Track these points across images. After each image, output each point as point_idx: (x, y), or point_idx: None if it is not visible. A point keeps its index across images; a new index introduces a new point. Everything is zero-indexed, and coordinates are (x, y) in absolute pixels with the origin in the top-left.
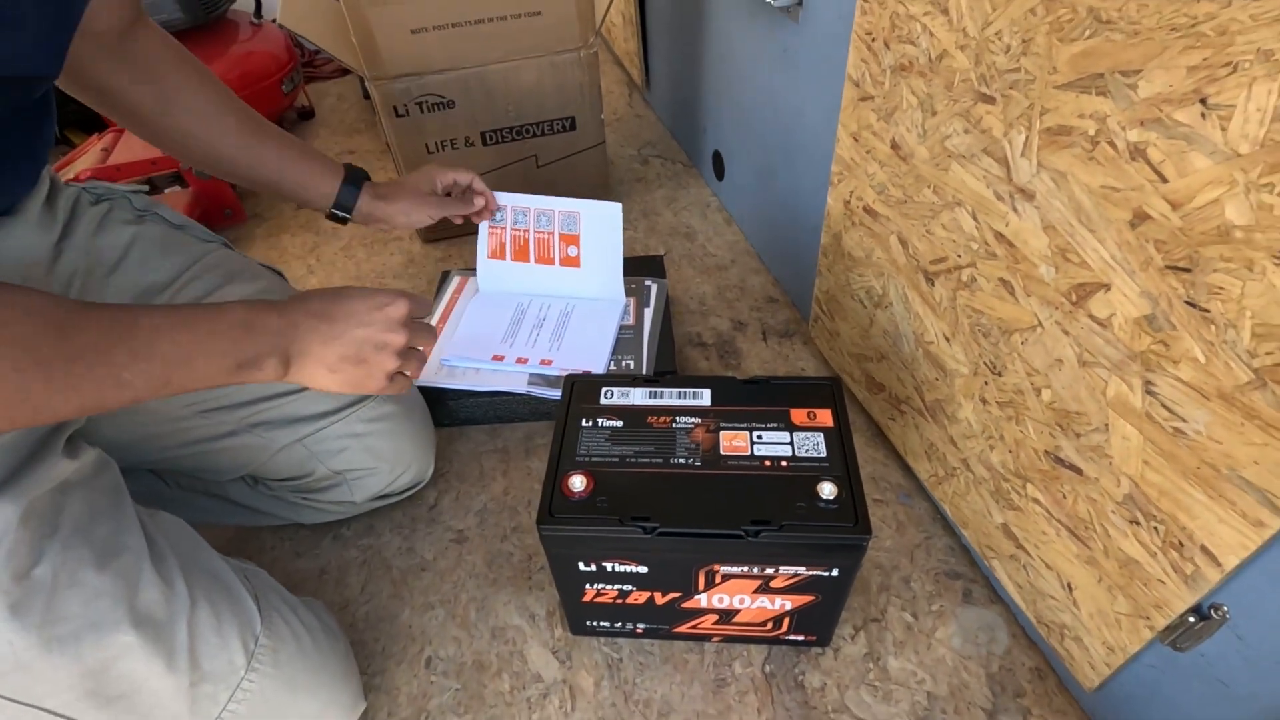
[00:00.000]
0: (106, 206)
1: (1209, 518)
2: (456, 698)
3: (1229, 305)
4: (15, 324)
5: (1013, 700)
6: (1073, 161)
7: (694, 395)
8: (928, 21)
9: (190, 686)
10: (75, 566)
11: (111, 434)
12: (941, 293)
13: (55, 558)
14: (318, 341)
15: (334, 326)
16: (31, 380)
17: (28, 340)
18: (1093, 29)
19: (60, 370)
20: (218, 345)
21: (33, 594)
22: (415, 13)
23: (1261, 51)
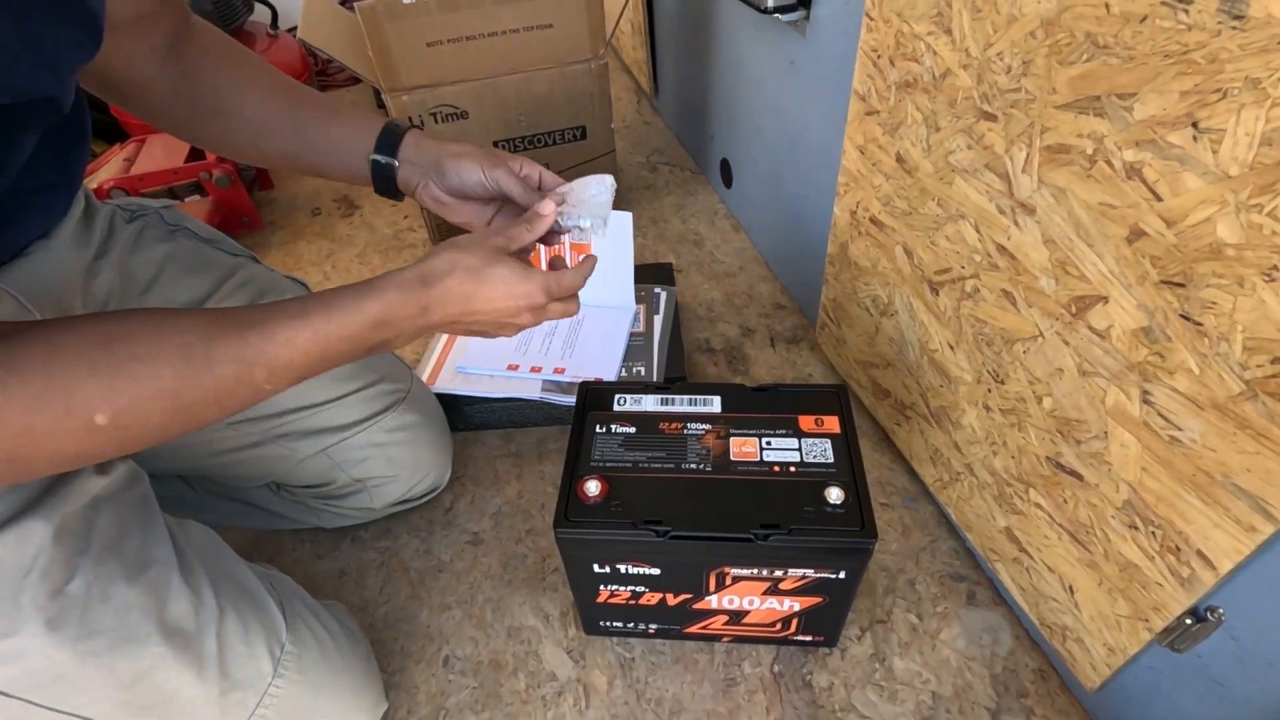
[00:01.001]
0: (140, 224)
1: (1204, 523)
2: (474, 695)
3: (1221, 319)
4: (154, 374)
5: (1016, 700)
6: (1072, 179)
7: (704, 402)
8: (931, 41)
9: (220, 695)
10: (107, 581)
11: None
12: (946, 302)
13: (88, 573)
14: (452, 328)
15: (471, 318)
16: (178, 422)
17: (170, 385)
18: (1090, 53)
19: (204, 407)
20: (352, 348)
21: (68, 609)
22: (430, 26)
23: (1249, 79)
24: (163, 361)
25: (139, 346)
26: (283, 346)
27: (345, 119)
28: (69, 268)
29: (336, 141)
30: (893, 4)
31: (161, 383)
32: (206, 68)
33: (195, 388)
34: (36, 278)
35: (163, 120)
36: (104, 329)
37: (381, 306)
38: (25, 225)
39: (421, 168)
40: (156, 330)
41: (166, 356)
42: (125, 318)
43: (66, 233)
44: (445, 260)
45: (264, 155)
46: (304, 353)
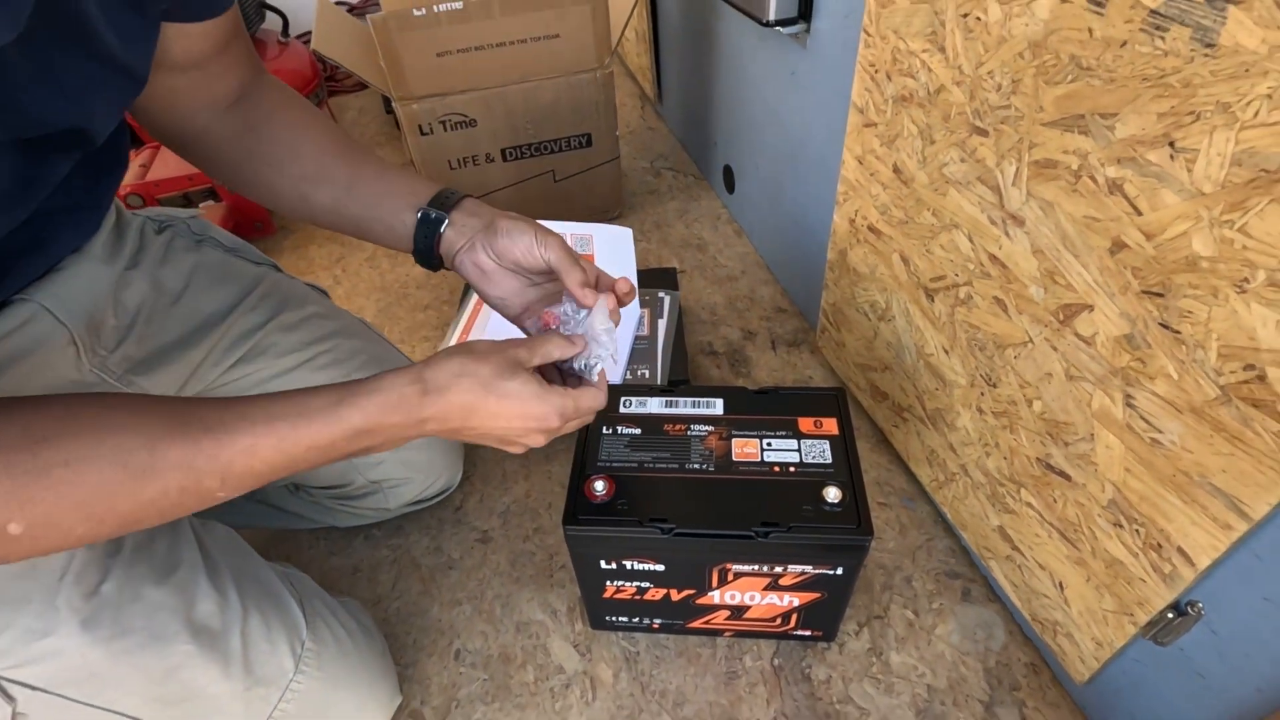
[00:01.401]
0: (169, 235)
1: (1184, 521)
2: (484, 687)
3: (1197, 328)
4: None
5: (1009, 693)
6: (1058, 192)
7: (707, 404)
8: (926, 58)
9: (245, 691)
10: (138, 582)
11: None
12: (941, 308)
13: (120, 575)
14: (450, 435)
15: (472, 431)
16: (108, 530)
17: (98, 495)
18: (1074, 74)
19: (140, 517)
20: (325, 456)
21: (101, 610)
22: (440, 37)
23: (1220, 103)
24: (93, 470)
25: (69, 450)
26: (240, 454)
27: (399, 176)
28: (101, 280)
29: (386, 195)
30: (889, 21)
31: (86, 493)
32: (269, 122)
33: (129, 498)
34: (70, 291)
35: (217, 170)
36: (33, 429)
37: (364, 416)
38: (58, 243)
39: (469, 229)
40: (93, 431)
41: (99, 464)
42: (62, 414)
43: (98, 246)
44: (454, 367)
45: (310, 207)
46: (265, 461)
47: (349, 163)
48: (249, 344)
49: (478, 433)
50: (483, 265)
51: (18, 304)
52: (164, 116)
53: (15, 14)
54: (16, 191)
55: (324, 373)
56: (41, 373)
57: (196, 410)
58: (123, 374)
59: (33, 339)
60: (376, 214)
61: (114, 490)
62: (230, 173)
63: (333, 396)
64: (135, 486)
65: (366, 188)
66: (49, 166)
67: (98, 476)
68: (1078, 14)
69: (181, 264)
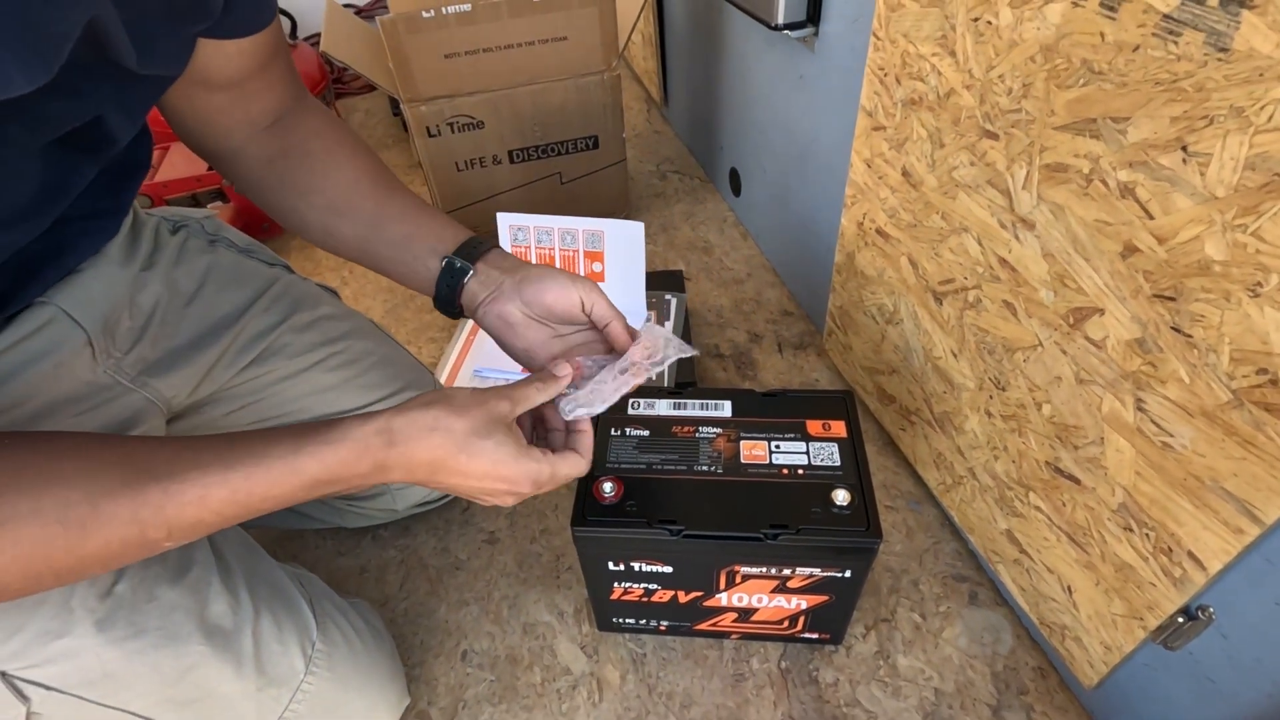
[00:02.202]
0: (184, 235)
1: (1195, 525)
2: (491, 688)
3: (1209, 332)
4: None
5: (1016, 697)
6: (1069, 196)
7: (715, 407)
8: (936, 62)
9: (257, 691)
10: (152, 583)
11: None
12: (949, 312)
13: (134, 575)
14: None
15: (436, 481)
16: (46, 585)
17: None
18: (1086, 78)
19: (81, 569)
20: (280, 504)
21: (116, 610)
22: (449, 39)
23: (1234, 108)
24: (30, 527)
25: (4, 508)
26: (189, 505)
27: (428, 218)
28: (117, 283)
29: (412, 236)
30: (899, 25)
31: (21, 550)
32: (303, 149)
33: (69, 553)
34: (87, 294)
35: (250, 189)
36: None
37: (323, 467)
38: (79, 249)
39: (494, 281)
40: (34, 486)
41: (37, 520)
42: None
43: (115, 248)
44: (427, 420)
45: (334, 239)
46: (216, 512)
47: (378, 198)
48: (262, 345)
49: (443, 485)
50: (509, 316)
51: (36, 307)
52: (201, 132)
53: (51, 61)
54: (42, 199)
55: (336, 373)
56: (58, 375)
57: (148, 456)
58: (136, 375)
59: (50, 342)
60: (400, 255)
61: (52, 548)
62: (261, 195)
63: (291, 444)
64: (74, 544)
65: (393, 227)
66: (73, 174)
67: (35, 535)
68: (1090, 18)
69: (196, 265)
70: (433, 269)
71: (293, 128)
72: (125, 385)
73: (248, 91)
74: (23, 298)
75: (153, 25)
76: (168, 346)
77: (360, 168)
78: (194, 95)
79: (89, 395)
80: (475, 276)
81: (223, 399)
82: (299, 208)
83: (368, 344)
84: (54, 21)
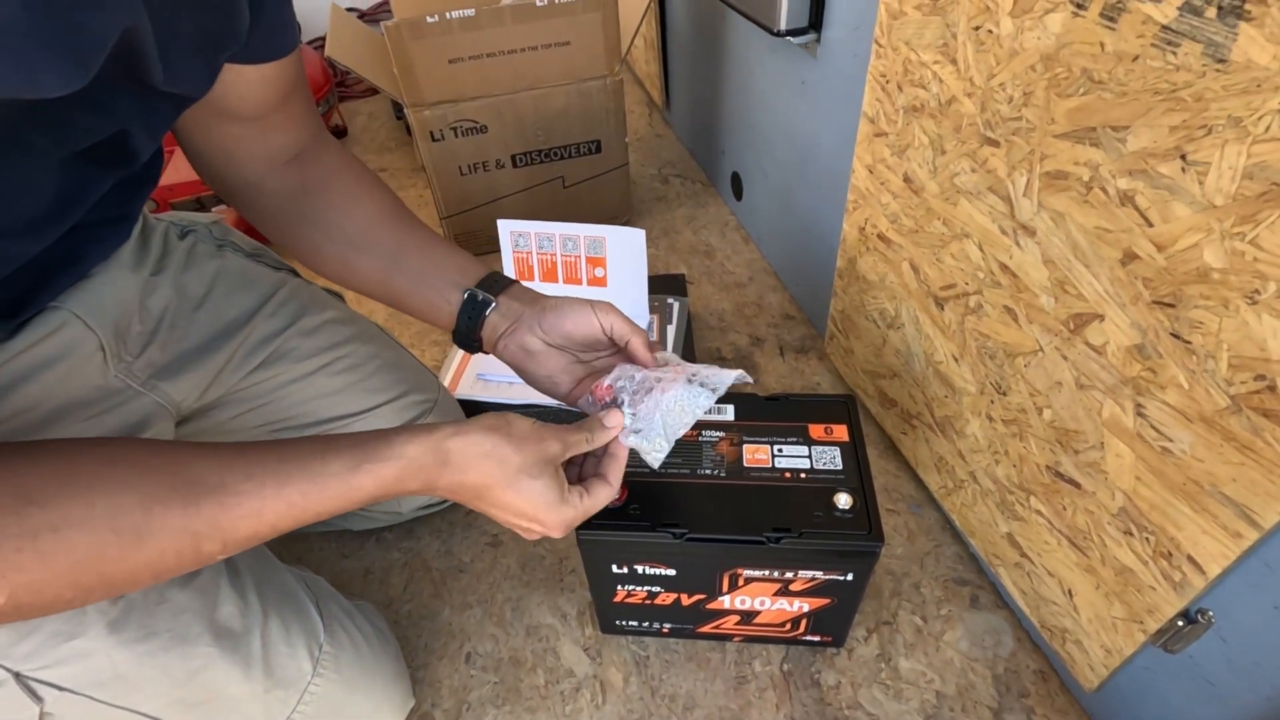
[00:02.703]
0: (192, 240)
1: (1194, 529)
2: (495, 690)
3: (1208, 338)
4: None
5: (1017, 700)
6: (1069, 203)
7: (718, 410)
8: (938, 69)
9: (264, 693)
10: (163, 586)
11: None
12: (950, 317)
13: None
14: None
15: (476, 502)
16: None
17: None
18: (1086, 87)
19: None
20: (331, 514)
21: (128, 612)
22: (453, 44)
23: (1232, 118)
24: (84, 535)
25: (57, 512)
26: (244, 519)
27: (448, 254)
28: (128, 288)
29: (432, 270)
30: (901, 33)
31: (75, 558)
32: (324, 186)
33: (120, 563)
34: (99, 298)
35: (265, 224)
36: (24, 487)
37: (378, 484)
38: (90, 255)
39: (514, 313)
40: (87, 492)
41: (90, 526)
42: (56, 470)
43: (126, 254)
44: (485, 446)
45: (353, 274)
46: (270, 525)
47: (398, 233)
48: (270, 348)
49: (479, 509)
50: (529, 346)
51: (49, 311)
52: (220, 165)
53: (87, 65)
54: (58, 209)
55: (342, 377)
56: (70, 379)
57: (200, 467)
58: (147, 379)
59: (63, 345)
60: (420, 288)
61: (105, 556)
62: (278, 229)
63: (349, 461)
64: (127, 552)
65: (413, 260)
66: (90, 185)
67: (88, 542)
68: (1090, 28)
69: (204, 270)
70: (454, 302)
71: (313, 163)
72: (136, 389)
73: (268, 124)
74: (37, 303)
75: (182, 45)
76: (177, 350)
77: (380, 204)
78: (214, 127)
79: (100, 399)
80: (496, 309)
81: (230, 402)
82: (317, 241)
83: (373, 347)
84: (94, 26)
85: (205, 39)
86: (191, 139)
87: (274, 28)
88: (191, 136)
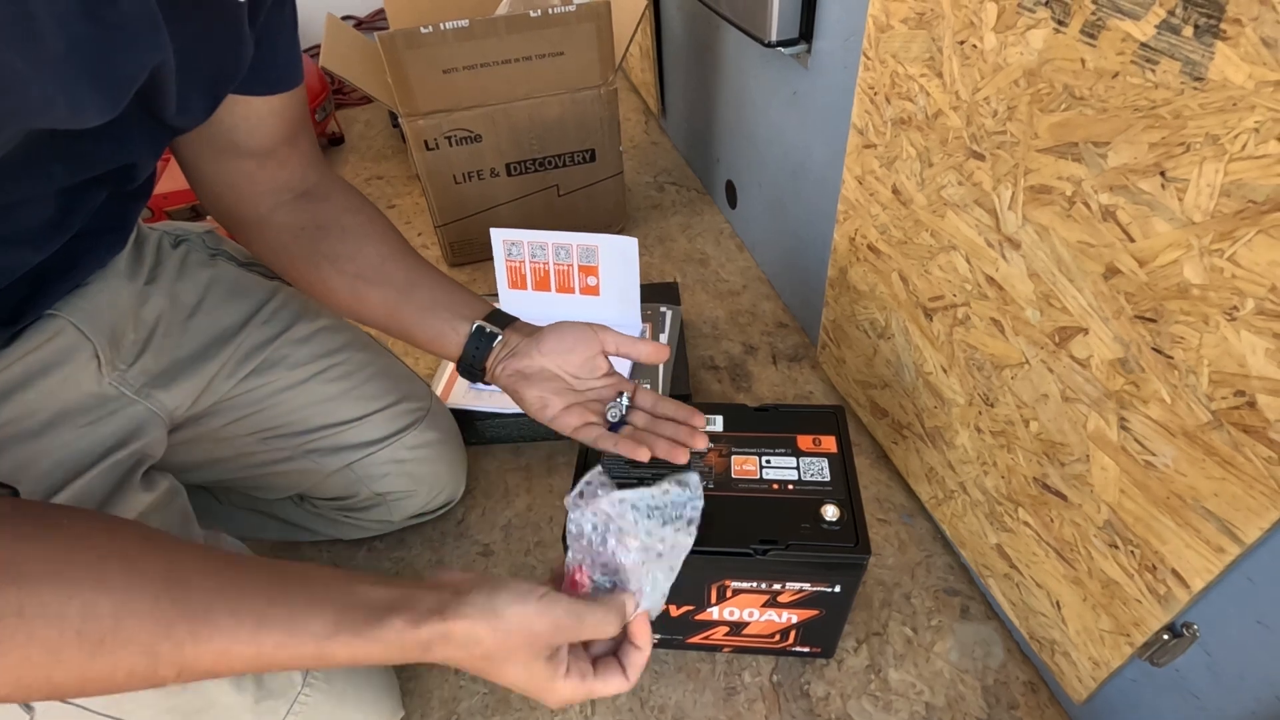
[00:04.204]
0: (185, 249)
1: (1178, 543)
2: (484, 701)
3: (1189, 353)
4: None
5: (1006, 712)
6: (1053, 217)
7: (707, 421)
8: (924, 82)
9: (255, 703)
10: None
11: (181, 458)
12: (939, 328)
13: None
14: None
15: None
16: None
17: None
18: (1068, 103)
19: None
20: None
21: None
22: (447, 54)
23: (1209, 135)
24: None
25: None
26: (208, 656)
27: (455, 289)
28: (123, 296)
29: (441, 305)
30: (888, 46)
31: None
32: (336, 222)
33: (72, 667)
34: (94, 306)
35: (274, 256)
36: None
37: (350, 658)
38: (86, 265)
39: (514, 342)
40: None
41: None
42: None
43: (121, 262)
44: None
45: (363, 305)
46: (230, 667)
47: (408, 269)
48: (262, 356)
49: (475, 668)
50: (524, 370)
51: (45, 319)
52: (230, 199)
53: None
54: (57, 222)
55: (334, 385)
56: (66, 386)
57: (193, 584)
58: (140, 387)
59: (59, 353)
60: (429, 321)
61: (59, 658)
62: (287, 263)
63: (329, 623)
64: (84, 658)
65: (422, 294)
66: (89, 200)
67: (49, 638)
68: (1070, 44)
69: (197, 278)
70: (462, 333)
71: (324, 199)
72: (129, 397)
73: (277, 159)
74: (34, 310)
75: (196, 82)
76: (170, 359)
77: (392, 243)
78: (225, 161)
79: (95, 407)
80: (503, 342)
81: (223, 409)
82: (327, 274)
83: (366, 355)
84: (128, 64)
85: (216, 76)
86: (201, 174)
87: (285, 60)
88: (202, 171)
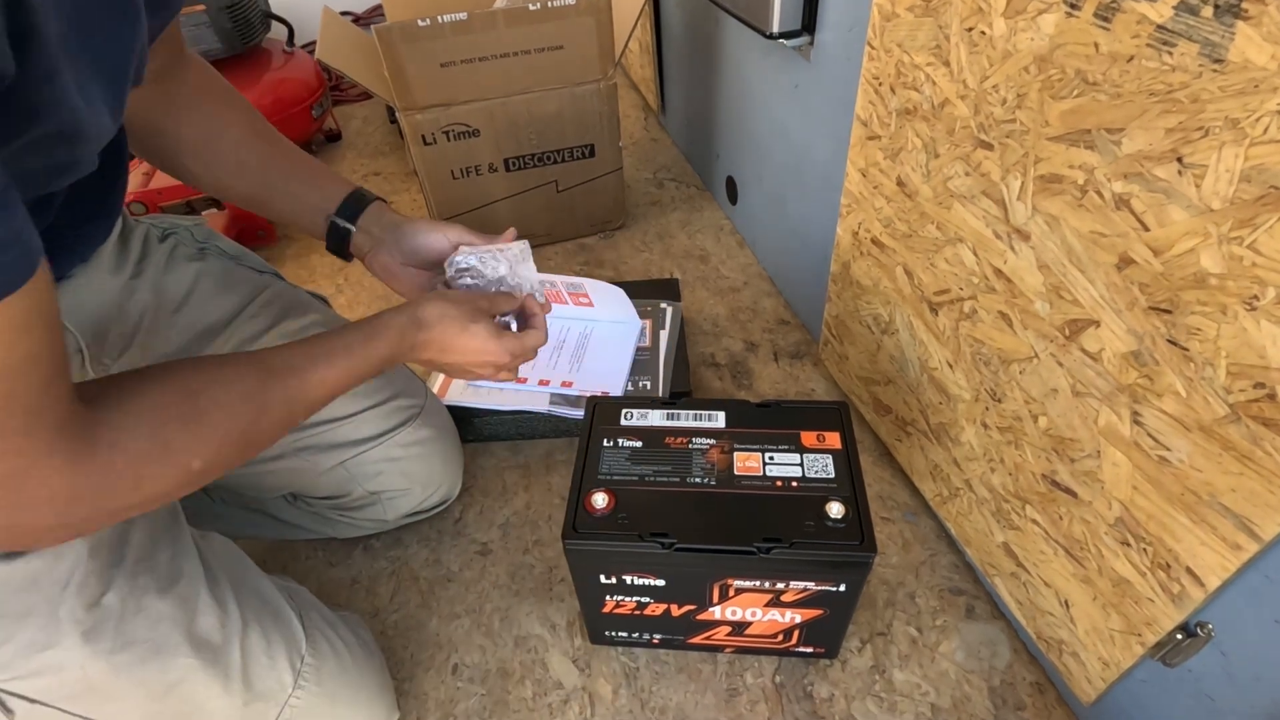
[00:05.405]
0: (173, 242)
1: (1192, 541)
2: (482, 703)
3: (1206, 345)
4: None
5: (1013, 713)
6: (1064, 207)
7: (709, 417)
8: (930, 71)
9: (243, 706)
10: (140, 594)
11: None
12: (945, 322)
13: (123, 585)
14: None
15: (444, 359)
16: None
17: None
18: (1080, 89)
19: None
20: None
21: (103, 621)
22: (445, 48)
23: (1229, 119)
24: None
25: (210, 398)
26: (317, 388)
27: (312, 176)
28: (108, 289)
29: (299, 196)
30: (893, 35)
31: (236, 426)
32: (191, 109)
33: (256, 429)
34: (78, 300)
35: (143, 149)
36: (184, 384)
37: (387, 347)
38: (69, 256)
39: (376, 236)
40: (222, 380)
41: (236, 404)
42: (194, 369)
43: (105, 255)
44: (436, 310)
45: (229, 194)
46: (331, 391)
47: (266, 160)
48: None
49: (448, 361)
50: (391, 268)
51: None
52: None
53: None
54: None
55: None
56: None
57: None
58: None
59: None
60: (296, 213)
61: (249, 423)
62: (158, 155)
63: (361, 335)
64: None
65: (282, 186)
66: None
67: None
68: (1084, 29)
69: (184, 272)
70: (320, 226)
71: (180, 82)
72: None
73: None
74: None
75: None
76: (156, 354)
77: (245, 129)
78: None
79: None
80: (356, 234)
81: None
82: (190, 167)
83: None
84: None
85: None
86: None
87: None
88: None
